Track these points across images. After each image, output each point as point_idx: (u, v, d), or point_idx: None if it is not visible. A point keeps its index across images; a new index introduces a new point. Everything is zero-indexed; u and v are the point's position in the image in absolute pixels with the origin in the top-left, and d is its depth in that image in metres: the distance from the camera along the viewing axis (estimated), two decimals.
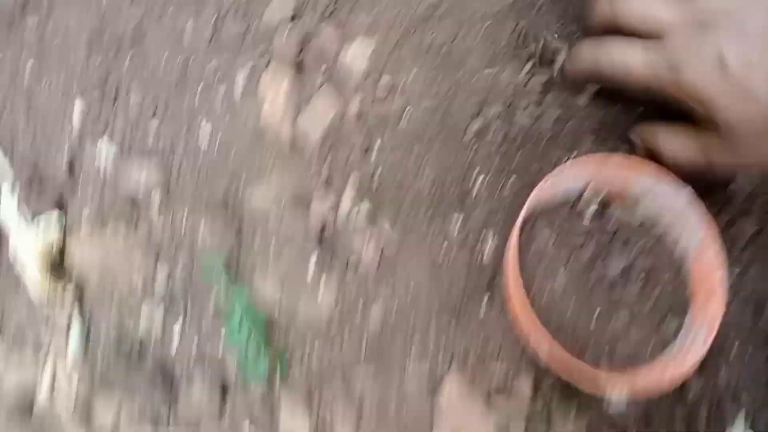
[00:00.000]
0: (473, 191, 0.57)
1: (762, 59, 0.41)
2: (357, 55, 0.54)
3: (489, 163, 0.57)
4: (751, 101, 0.41)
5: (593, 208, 0.55)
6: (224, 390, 0.56)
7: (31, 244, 0.60)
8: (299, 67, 0.56)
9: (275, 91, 0.56)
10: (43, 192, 0.64)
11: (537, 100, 0.58)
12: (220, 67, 0.58)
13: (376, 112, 0.55)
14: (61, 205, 0.65)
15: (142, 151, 0.62)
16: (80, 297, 0.60)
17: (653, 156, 0.54)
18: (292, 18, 0.54)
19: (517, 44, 0.56)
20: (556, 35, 0.58)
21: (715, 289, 0.49)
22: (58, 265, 0.62)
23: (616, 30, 0.51)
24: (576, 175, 0.54)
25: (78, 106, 0.63)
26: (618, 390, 0.49)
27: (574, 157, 0.57)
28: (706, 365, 0.51)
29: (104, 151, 0.62)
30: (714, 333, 0.47)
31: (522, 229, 0.54)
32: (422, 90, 0.55)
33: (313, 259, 0.57)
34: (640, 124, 0.55)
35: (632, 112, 0.58)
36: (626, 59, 0.48)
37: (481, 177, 0.57)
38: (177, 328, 0.58)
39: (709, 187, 0.56)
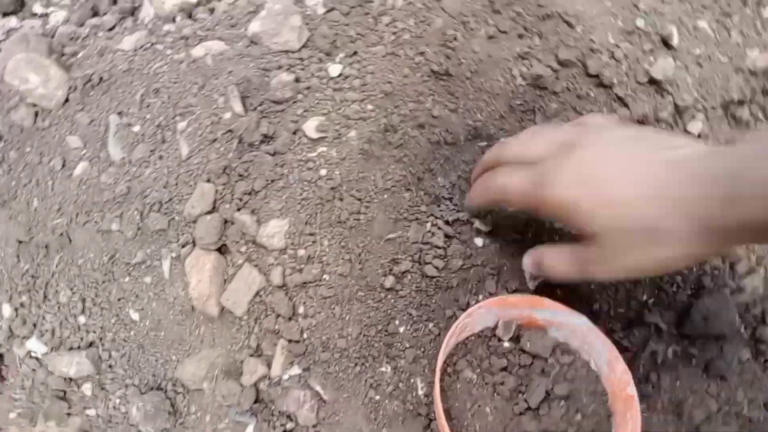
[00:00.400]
0: (396, 342, 0.69)
1: (619, 173, 0.49)
2: (273, 234, 0.66)
3: (406, 314, 0.69)
4: (613, 209, 0.48)
5: (507, 341, 0.67)
6: None
7: None
8: (221, 250, 0.69)
9: (199, 274, 0.67)
10: None
11: (441, 254, 0.71)
12: (146, 259, 0.69)
13: (295, 281, 0.66)
14: None
15: (72, 347, 0.70)
16: None
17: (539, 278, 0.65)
18: (211, 210, 0.68)
19: (413, 208, 0.72)
20: (448, 197, 0.76)
21: (630, 404, 0.58)
22: None
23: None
24: (485, 315, 0.67)
25: (4, 311, 0.72)
26: None
27: (480, 300, 0.71)
28: None
29: (32, 351, 0.71)
30: None
31: (444, 372, 0.66)
32: (335, 257, 0.67)
33: (250, 429, 0.65)
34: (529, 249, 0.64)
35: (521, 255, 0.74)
36: (505, 180, 0.57)
37: (402, 328, 0.69)
38: None
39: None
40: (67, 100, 0.76)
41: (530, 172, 0.54)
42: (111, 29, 0.88)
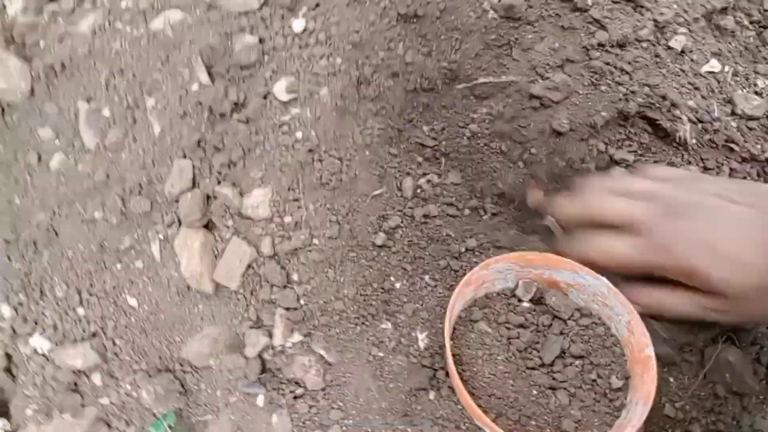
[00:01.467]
0: (394, 298, 0.69)
1: (742, 236, 0.53)
2: (257, 205, 0.66)
3: (401, 269, 0.69)
4: (747, 272, 0.52)
5: (528, 298, 0.65)
6: None
7: None
8: (208, 226, 0.68)
9: (190, 252, 0.67)
10: None
11: (430, 206, 0.72)
12: (134, 244, 0.69)
13: (285, 249, 0.66)
14: (3, 411, 0.73)
15: (75, 339, 0.71)
16: None
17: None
18: (191, 186, 0.67)
19: (395, 160, 0.71)
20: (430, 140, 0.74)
21: (647, 365, 0.58)
22: None
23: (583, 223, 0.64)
24: (503, 272, 0.65)
25: (4, 311, 0.73)
26: None
27: (474, 245, 0.71)
28: None
29: (37, 348, 0.72)
30: (649, 406, 0.56)
31: (458, 322, 0.65)
32: (322, 221, 0.66)
33: (261, 399, 0.67)
34: (633, 286, 0.62)
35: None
36: (609, 248, 0.60)
37: (398, 283, 0.69)
38: None
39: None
40: (32, 92, 0.74)
41: (639, 240, 0.58)
42: (71, 13, 0.85)
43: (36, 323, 0.72)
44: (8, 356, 0.73)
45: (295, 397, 0.67)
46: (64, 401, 0.70)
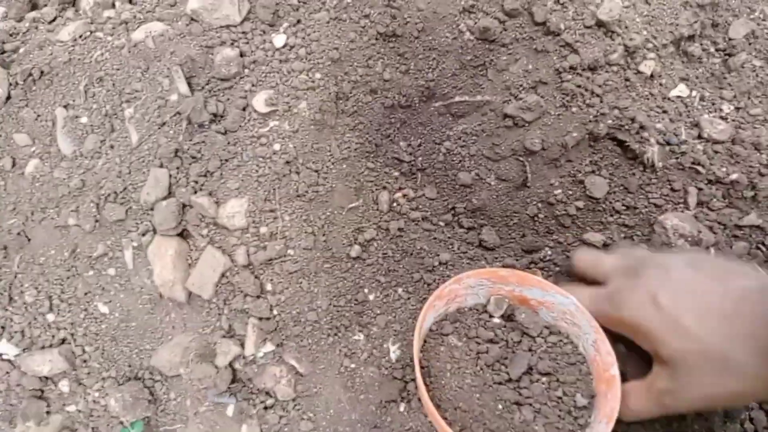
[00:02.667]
0: (367, 310, 0.71)
1: (688, 301, 0.54)
2: (233, 214, 0.68)
3: (375, 281, 0.71)
4: (685, 335, 0.53)
5: (497, 317, 0.67)
6: None
7: None
8: (182, 235, 0.70)
9: (163, 261, 0.69)
10: None
11: (405, 220, 0.74)
12: (107, 251, 0.71)
13: (260, 259, 0.68)
14: None
15: (43, 345, 0.72)
16: None
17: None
18: (167, 195, 0.69)
19: (372, 174, 0.74)
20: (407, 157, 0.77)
21: (612, 384, 0.60)
22: None
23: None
24: (475, 287, 0.67)
25: None
26: None
27: (448, 258, 0.73)
28: None
29: (3, 354, 0.73)
30: (612, 425, 0.57)
31: (429, 335, 0.67)
32: (298, 232, 0.68)
33: (231, 409, 0.68)
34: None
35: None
36: (578, 296, 0.63)
37: (371, 295, 0.72)
38: None
39: None
40: (9, 98, 0.76)
41: (599, 290, 0.62)
42: (52, 21, 0.88)
43: (3, 329, 0.73)
44: None
45: (266, 408, 0.68)
46: (27, 408, 0.71)
